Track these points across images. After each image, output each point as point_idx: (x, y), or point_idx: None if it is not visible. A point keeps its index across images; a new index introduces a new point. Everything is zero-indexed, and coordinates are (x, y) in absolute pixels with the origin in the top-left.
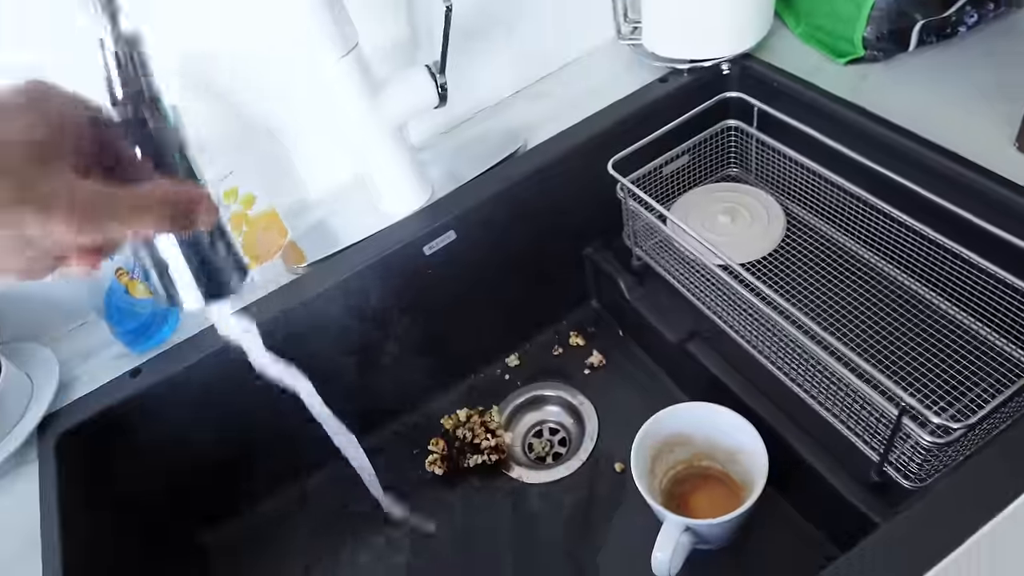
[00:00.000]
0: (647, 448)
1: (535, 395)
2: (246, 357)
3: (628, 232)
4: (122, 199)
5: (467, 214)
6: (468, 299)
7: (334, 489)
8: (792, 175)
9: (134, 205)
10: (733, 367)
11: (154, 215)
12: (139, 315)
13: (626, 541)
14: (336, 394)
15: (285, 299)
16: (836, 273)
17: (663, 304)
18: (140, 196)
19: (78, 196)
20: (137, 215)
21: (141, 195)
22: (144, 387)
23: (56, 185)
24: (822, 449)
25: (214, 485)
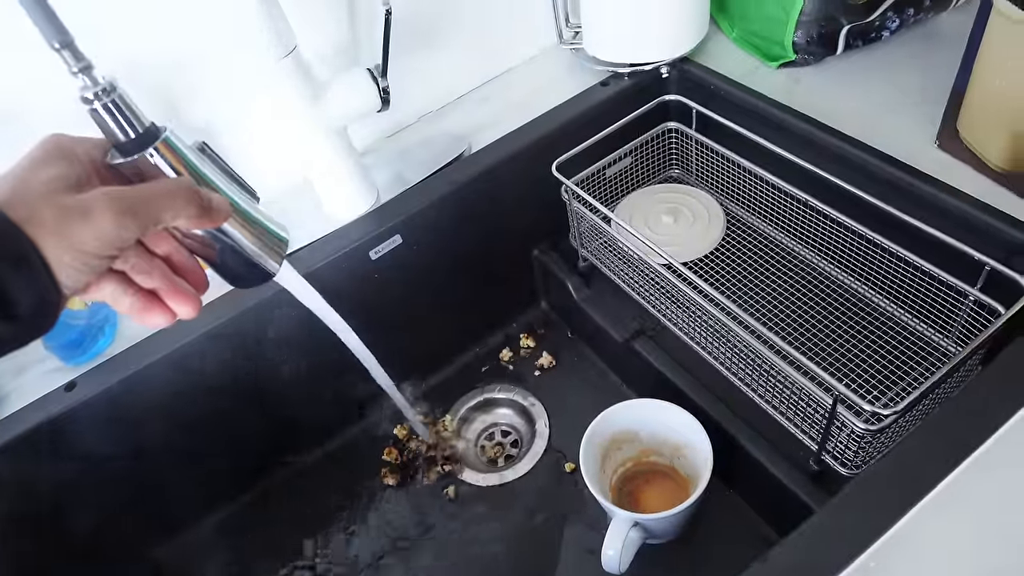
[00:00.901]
0: (595, 446)
1: (486, 398)
2: (193, 364)
3: (574, 233)
4: (152, 191)
5: (413, 218)
6: (416, 303)
7: (288, 496)
8: (731, 175)
9: (163, 194)
10: (678, 364)
11: (182, 202)
12: (73, 327)
13: (580, 540)
14: (283, 403)
15: (228, 307)
16: (774, 270)
17: (609, 304)
18: (167, 186)
19: (113, 195)
20: (168, 202)
21: (167, 185)
22: (80, 400)
23: (92, 194)
24: (763, 440)
25: (162, 498)
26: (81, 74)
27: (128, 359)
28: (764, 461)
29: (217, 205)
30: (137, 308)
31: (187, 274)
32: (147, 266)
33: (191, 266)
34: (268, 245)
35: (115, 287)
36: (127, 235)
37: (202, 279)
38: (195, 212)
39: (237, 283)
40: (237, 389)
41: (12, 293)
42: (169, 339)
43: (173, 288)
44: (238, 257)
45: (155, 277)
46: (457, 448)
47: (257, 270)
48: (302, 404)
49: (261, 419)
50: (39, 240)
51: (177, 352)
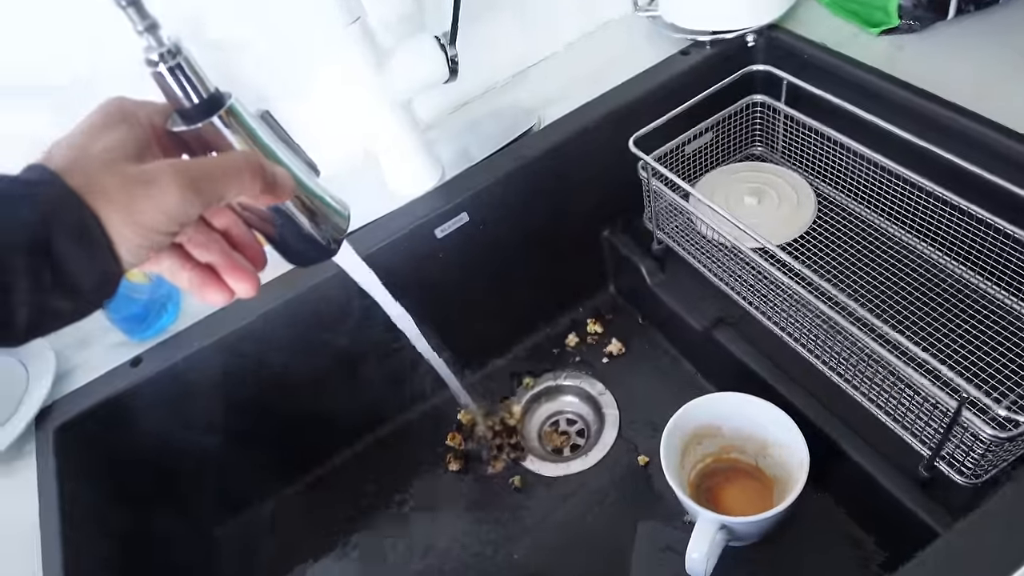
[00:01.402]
0: (676, 440)
1: (552, 385)
2: (250, 346)
3: (649, 214)
4: (217, 165)
5: (480, 195)
6: (480, 284)
7: (347, 478)
8: (823, 153)
9: (229, 169)
10: (763, 355)
11: (248, 178)
12: (137, 301)
13: (655, 536)
14: (344, 385)
15: (285, 287)
16: (873, 257)
17: (686, 289)
18: (229, 156)
19: (178, 168)
20: (233, 177)
21: (234, 159)
22: (146, 377)
23: (157, 166)
24: (863, 441)
25: (224, 476)
26: (146, 33)
27: (192, 336)
28: (865, 464)
29: (281, 180)
30: (195, 283)
31: (245, 249)
32: (205, 239)
33: (249, 241)
34: (329, 222)
35: (173, 261)
36: (191, 211)
37: (260, 255)
38: (260, 188)
39: (295, 260)
40: (296, 370)
41: (73, 268)
42: (233, 317)
43: (231, 264)
44: (298, 234)
45: (213, 252)
46: (523, 436)
47: (316, 248)
48: (363, 387)
49: (320, 401)
50: (100, 211)
51: (242, 330)
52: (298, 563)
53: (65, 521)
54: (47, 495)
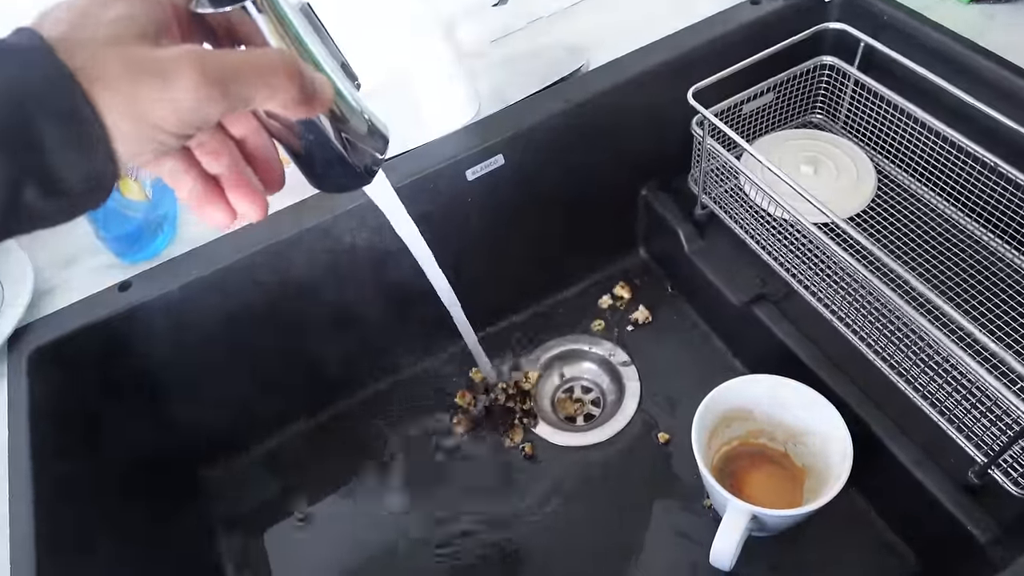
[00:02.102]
0: (708, 422)
1: (570, 348)
2: (252, 279)
3: (695, 175)
4: (248, 61)
5: (518, 138)
6: (506, 235)
7: (348, 427)
8: (890, 126)
9: (261, 68)
10: (807, 337)
11: (283, 82)
12: (131, 220)
13: (672, 520)
14: (350, 329)
15: (296, 218)
16: (935, 245)
17: (726, 260)
18: (262, 54)
19: (201, 57)
20: (266, 79)
21: (268, 58)
22: (135, 303)
23: (174, 53)
24: (908, 439)
25: (215, 417)
26: None
27: (189, 263)
28: (908, 463)
29: (320, 90)
30: (196, 196)
31: (260, 165)
32: (218, 147)
33: (268, 155)
34: (366, 145)
35: (176, 164)
36: (210, 114)
37: (278, 175)
38: (294, 96)
39: (322, 184)
40: (303, 309)
41: (60, 164)
42: (236, 245)
43: (240, 180)
44: (329, 154)
45: (222, 162)
46: (535, 401)
47: (348, 173)
48: (371, 333)
49: (324, 343)
50: (98, 98)
51: (244, 261)
52: (289, 512)
53: (36, 452)
54: (17, 422)
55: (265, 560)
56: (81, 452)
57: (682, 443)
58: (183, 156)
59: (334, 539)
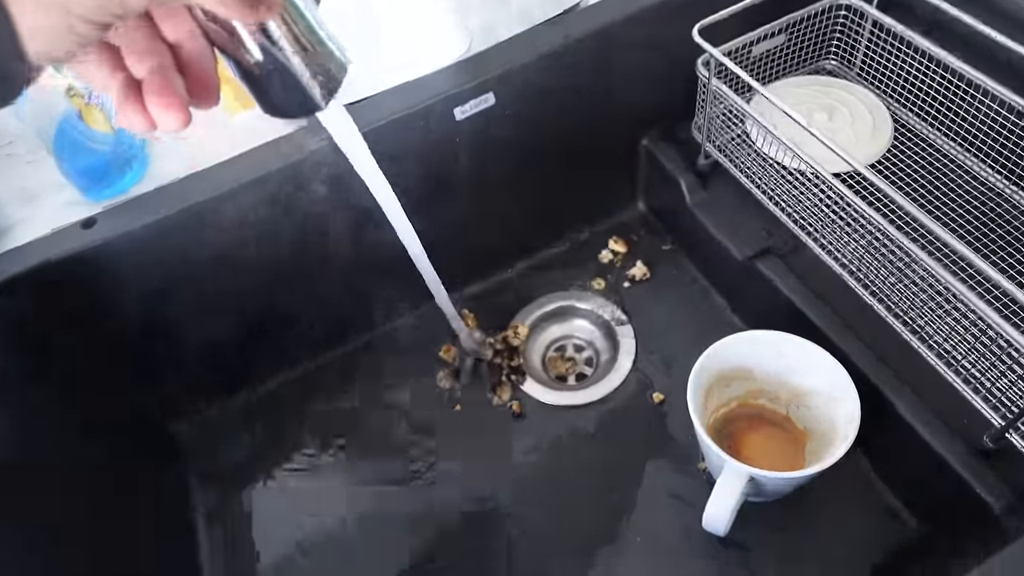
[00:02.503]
0: (704, 380)
1: (562, 305)
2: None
3: (700, 122)
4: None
5: (511, 76)
6: (496, 180)
7: (325, 384)
8: (911, 71)
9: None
10: (814, 293)
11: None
12: (96, 152)
13: (664, 481)
14: (327, 279)
15: (270, 158)
16: (956, 197)
17: (730, 212)
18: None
19: None
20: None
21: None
22: (98, 241)
23: None
24: (920, 400)
25: (181, 367)
26: None
27: (158, 201)
28: (918, 425)
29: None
30: (117, 98)
31: (194, 74)
32: (145, 48)
33: (203, 66)
34: (321, 66)
35: (98, 62)
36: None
37: (211, 87)
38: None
39: (269, 107)
40: (277, 255)
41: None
42: (208, 184)
43: (161, 87)
44: (276, 72)
45: (146, 65)
46: (525, 359)
47: (299, 96)
48: (351, 283)
49: (299, 294)
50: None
51: (216, 200)
52: (261, 471)
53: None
54: None
55: (239, 517)
56: (40, 396)
57: (677, 403)
58: (107, 54)
59: (310, 497)
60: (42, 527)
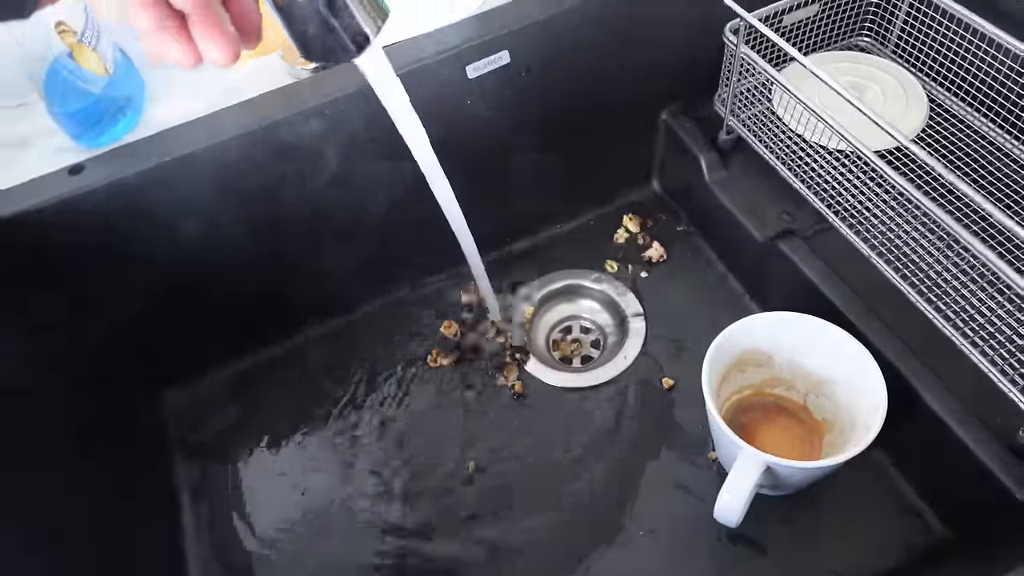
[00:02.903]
0: (720, 365)
1: (570, 283)
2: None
3: (723, 95)
4: None
5: (527, 33)
6: (506, 147)
7: (322, 353)
8: (949, 47)
9: None
10: (839, 277)
11: None
12: (88, 95)
13: (671, 471)
14: (331, 240)
15: (276, 108)
16: (993, 181)
17: (751, 191)
18: None
19: None
20: None
21: None
22: (86, 188)
23: None
24: (949, 392)
25: (173, 331)
26: None
27: (151, 149)
28: (948, 418)
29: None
30: (156, 30)
31: (236, 11)
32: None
33: (245, 3)
34: (361, 10)
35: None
36: None
37: (254, 24)
38: None
39: (308, 50)
40: (278, 212)
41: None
42: (205, 131)
43: (210, 19)
44: (316, 11)
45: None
46: (531, 338)
47: (337, 39)
48: (354, 248)
49: (301, 256)
50: None
51: (215, 149)
52: (251, 441)
53: None
54: None
55: (223, 491)
56: (17, 354)
57: (687, 390)
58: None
59: (298, 472)
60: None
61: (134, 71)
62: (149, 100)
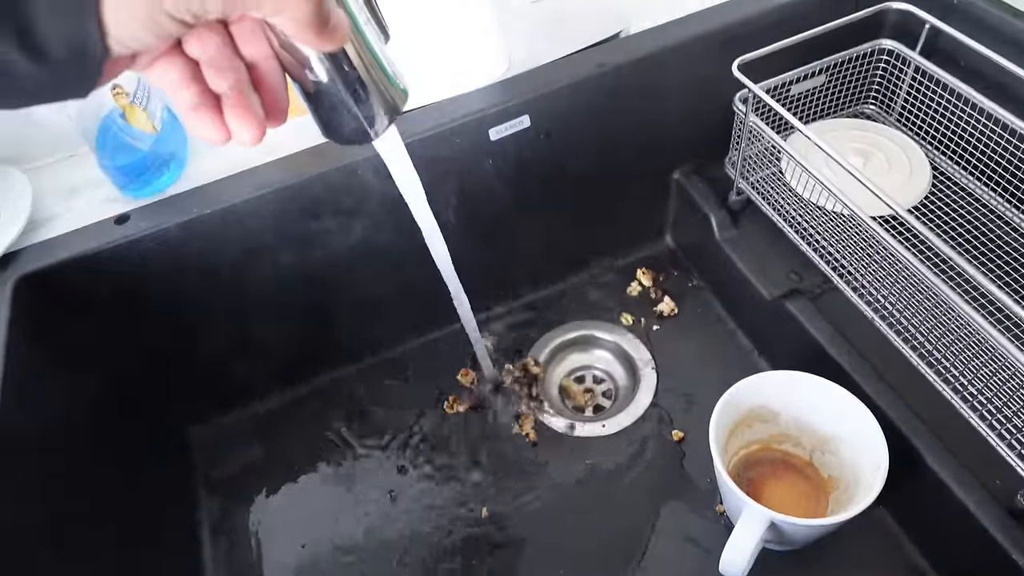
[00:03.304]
0: (728, 419)
1: (584, 334)
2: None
3: (734, 158)
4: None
5: (547, 99)
6: (526, 204)
7: (342, 396)
8: (952, 119)
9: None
10: (844, 337)
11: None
12: (136, 150)
13: (679, 524)
14: (354, 292)
15: (310, 165)
16: (994, 248)
17: (760, 250)
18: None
19: None
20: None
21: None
22: (131, 237)
23: None
24: (950, 454)
25: (204, 369)
26: None
27: (192, 201)
28: (949, 481)
29: (335, 22)
30: (192, 108)
31: (267, 93)
32: (226, 64)
33: (276, 85)
34: (381, 97)
35: (180, 74)
36: (211, 2)
37: (281, 107)
38: (306, 16)
39: (330, 132)
40: (306, 262)
41: (41, 21)
42: (243, 187)
43: (241, 101)
44: (341, 100)
45: (227, 80)
46: (544, 387)
47: (357, 124)
48: (375, 297)
49: (324, 304)
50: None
51: (250, 204)
52: (272, 480)
53: (8, 383)
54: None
55: (244, 528)
56: (57, 389)
57: (696, 443)
58: (189, 68)
59: (315, 512)
60: (46, 517)
61: (179, 127)
62: (192, 154)
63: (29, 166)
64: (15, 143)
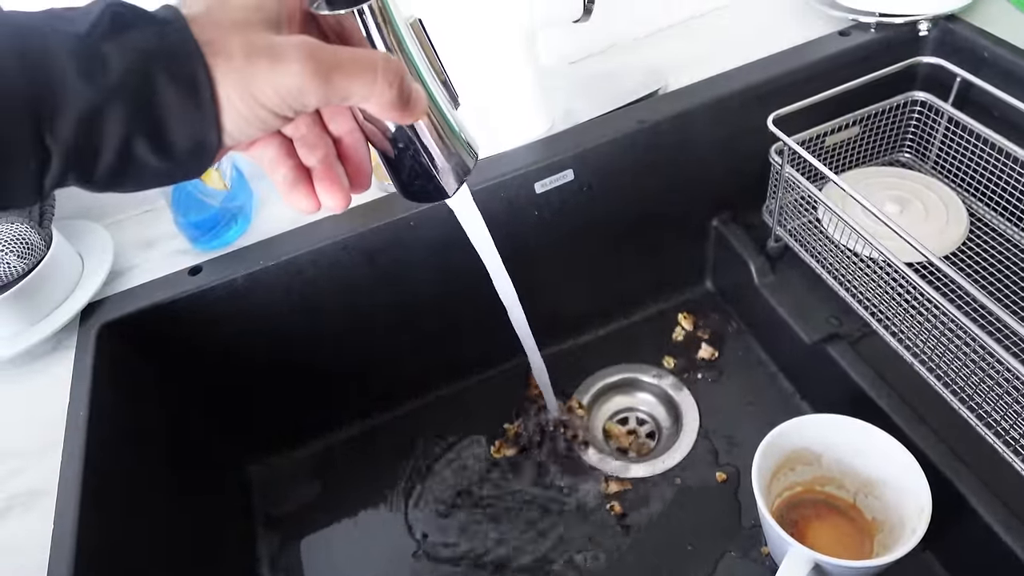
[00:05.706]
0: (771, 461)
1: (628, 377)
2: (317, 273)
3: (771, 207)
4: (353, 58)
5: (589, 154)
6: (570, 253)
7: (395, 436)
8: (987, 167)
9: (363, 67)
10: (884, 380)
11: (382, 84)
12: (208, 207)
13: (723, 567)
14: (406, 337)
15: (367, 218)
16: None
17: (799, 295)
18: (367, 54)
19: (310, 48)
20: (366, 77)
21: (371, 58)
22: (202, 287)
23: (287, 40)
24: (995, 498)
25: (269, 409)
26: None
27: (258, 253)
28: (995, 525)
29: (415, 99)
30: (287, 182)
31: (352, 164)
32: (316, 141)
33: (360, 157)
34: (455, 160)
35: (277, 153)
36: (309, 99)
37: (365, 176)
38: (390, 99)
39: (408, 192)
40: (362, 308)
41: (171, 120)
42: (305, 239)
43: (329, 174)
44: (418, 164)
45: (317, 155)
46: (589, 430)
47: (433, 185)
48: (430, 342)
49: (380, 347)
50: (216, 70)
51: (312, 254)
52: (328, 518)
53: (92, 424)
54: (78, 393)
55: (299, 564)
56: (135, 430)
57: (740, 485)
58: (284, 145)
59: (369, 551)
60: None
61: (245, 183)
62: (258, 205)
63: (110, 220)
64: (97, 201)
